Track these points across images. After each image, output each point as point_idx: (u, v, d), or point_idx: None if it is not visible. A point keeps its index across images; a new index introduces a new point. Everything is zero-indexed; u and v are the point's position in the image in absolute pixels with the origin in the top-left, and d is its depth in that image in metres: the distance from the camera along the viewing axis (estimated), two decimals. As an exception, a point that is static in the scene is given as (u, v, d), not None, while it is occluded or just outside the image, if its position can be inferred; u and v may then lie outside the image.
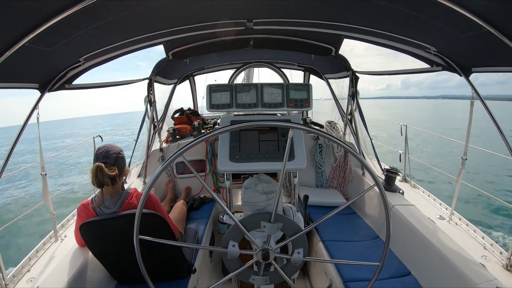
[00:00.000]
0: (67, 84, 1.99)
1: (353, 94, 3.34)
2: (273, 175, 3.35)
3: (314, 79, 4.50)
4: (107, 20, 1.43)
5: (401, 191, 2.82)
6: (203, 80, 5.28)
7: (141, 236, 1.02)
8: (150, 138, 3.38)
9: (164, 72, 3.38)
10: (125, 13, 1.43)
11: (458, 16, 1.27)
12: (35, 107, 1.83)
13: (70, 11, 1.15)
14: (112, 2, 1.25)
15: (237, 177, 3.37)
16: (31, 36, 1.21)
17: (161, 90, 3.75)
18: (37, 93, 1.86)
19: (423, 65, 2.22)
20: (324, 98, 4.23)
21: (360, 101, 3.41)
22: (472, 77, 1.99)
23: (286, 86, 1.60)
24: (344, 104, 3.60)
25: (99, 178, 1.65)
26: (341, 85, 3.75)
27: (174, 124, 4.05)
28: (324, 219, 1.05)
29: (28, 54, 1.40)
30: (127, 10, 1.41)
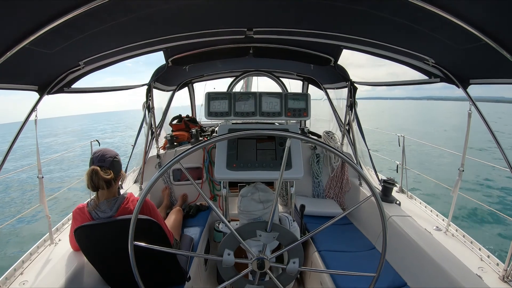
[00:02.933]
0: (66, 88, 1.99)
1: (351, 105, 3.36)
2: (270, 184, 3.34)
3: (312, 89, 4.52)
4: (108, 24, 1.44)
5: (398, 202, 2.81)
6: (202, 88, 5.30)
7: (136, 243, 1.01)
8: (148, 144, 3.38)
9: (163, 78, 3.39)
10: (127, 18, 1.44)
11: (457, 28, 1.28)
12: (33, 109, 1.83)
13: (72, 14, 1.15)
14: (114, 7, 1.26)
15: (234, 185, 3.36)
16: (32, 38, 1.21)
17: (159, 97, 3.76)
18: (35, 95, 1.86)
19: (421, 76, 2.24)
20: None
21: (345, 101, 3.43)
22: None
23: (284, 96, 1.61)
24: (342, 114, 3.62)
25: (94, 181, 1.65)
26: (339, 95, 3.77)
27: (172, 131, 4.04)
28: (320, 229, 1.05)
29: (28, 56, 1.41)
30: (129, 16, 1.42)
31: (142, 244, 1.03)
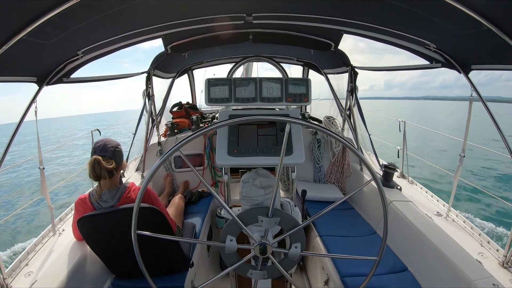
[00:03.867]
0: (65, 78, 1.98)
1: (352, 90, 3.34)
2: (272, 169, 3.36)
3: (312, 77, 4.48)
4: (106, 13, 1.42)
5: (399, 187, 2.82)
6: (201, 74, 5.26)
7: (139, 232, 1.02)
8: (148, 132, 3.37)
9: (162, 65, 3.37)
10: (124, 6, 1.42)
11: (459, 13, 1.26)
12: (33, 100, 1.82)
13: (69, 3, 1.14)
14: None
15: (236, 171, 3.37)
16: (29, 29, 1.20)
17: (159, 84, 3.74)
18: (35, 87, 1.85)
19: (423, 61, 2.21)
20: (322, 98, 4.20)
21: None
22: (456, 77, 1.99)
23: (285, 81, 1.59)
24: (342, 99, 3.60)
25: (96, 171, 1.65)
26: (340, 80, 3.74)
27: (173, 118, 4.04)
28: (321, 214, 1.05)
29: (26, 47, 1.39)
30: (126, 3, 1.40)
31: (145, 232, 1.03)
